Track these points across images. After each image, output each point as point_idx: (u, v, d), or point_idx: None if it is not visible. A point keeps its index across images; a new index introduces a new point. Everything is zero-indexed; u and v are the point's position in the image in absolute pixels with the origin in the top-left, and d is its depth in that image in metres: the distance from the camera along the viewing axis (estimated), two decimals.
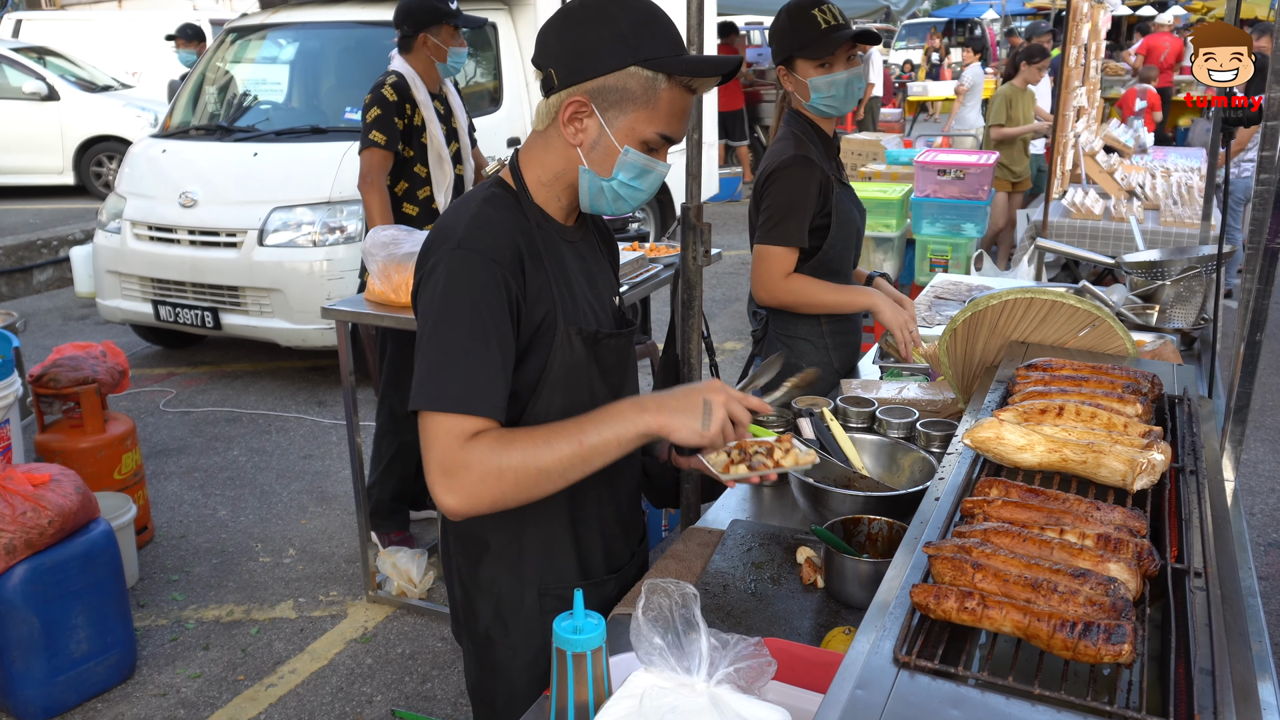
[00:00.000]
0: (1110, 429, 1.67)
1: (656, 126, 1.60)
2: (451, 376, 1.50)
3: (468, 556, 1.78)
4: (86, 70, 13.05)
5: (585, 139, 1.61)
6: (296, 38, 7.03)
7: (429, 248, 1.60)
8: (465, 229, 1.57)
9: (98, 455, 4.21)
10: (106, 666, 3.45)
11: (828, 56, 2.73)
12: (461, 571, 1.79)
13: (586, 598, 1.72)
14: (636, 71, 1.56)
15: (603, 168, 1.62)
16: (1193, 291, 3.47)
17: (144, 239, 6.31)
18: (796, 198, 2.78)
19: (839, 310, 2.91)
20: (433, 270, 1.56)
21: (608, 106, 1.58)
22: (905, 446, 2.18)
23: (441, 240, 1.58)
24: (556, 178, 1.66)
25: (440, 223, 1.64)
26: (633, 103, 1.58)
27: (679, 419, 1.56)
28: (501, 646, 1.79)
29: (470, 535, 1.76)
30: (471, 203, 1.62)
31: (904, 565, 1.42)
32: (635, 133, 1.59)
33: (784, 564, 1.93)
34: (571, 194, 1.69)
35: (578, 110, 1.58)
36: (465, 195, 1.68)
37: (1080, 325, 2.24)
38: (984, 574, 1.22)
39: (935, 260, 6.50)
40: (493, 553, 1.75)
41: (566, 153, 1.63)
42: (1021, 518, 1.39)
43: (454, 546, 1.80)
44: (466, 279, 1.53)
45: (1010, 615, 1.16)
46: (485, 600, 1.78)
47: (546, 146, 1.65)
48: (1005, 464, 1.63)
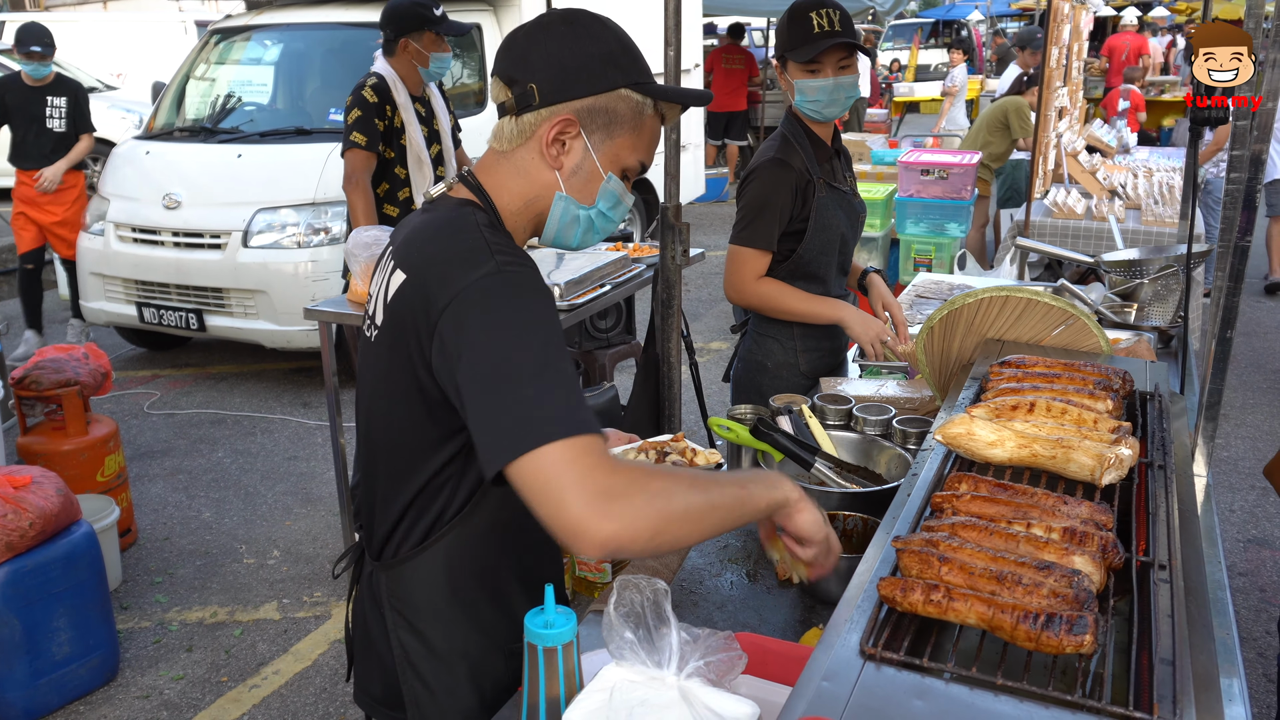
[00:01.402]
0: (1080, 425, 1.69)
1: (639, 154, 1.53)
2: (562, 400, 1.28)
3: (418, 629, 1.57)
4: (71, 71, 12.96)
5: (567, 163, 1.49)
6: (281, 39, 7.03)
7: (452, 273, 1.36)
8: (494, 254, 1.37)
9: (80, 457, 4.20)
10: (89, 669, 3.44)
11: (814, 61, 2.74)
12: (408, 645, 1.58)
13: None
14: (628, 95, 1.48)
15: (584, 195, 1.51)
16: (1170, 290, 3.50)
17: (128, 241, 6.29)
18: (768, 200, 2.79)
19: (806, 320, 2.91)
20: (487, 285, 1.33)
21: (595, 129, 1.48)
22: (881, 443, 2.20)
23: (473, 258, 1.36)
24: (527, 205, 1.51)
25: (447, 251, 1.40)
26: (621, 126, 1.49)
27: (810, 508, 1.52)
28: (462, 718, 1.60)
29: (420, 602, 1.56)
30: (471, 228, 1.42)
31: (874, 559, 1.43)
32: (619, 159, 1.51)
33: (760, 561, 1.94)
34: (536, 225, 1.54)
35: (564, 130, 1.46)
36: (445, 220, 1.46)
37: (1055, 323, 2.26)
38: (950, 567, 1.24)
39: (919, 260, 6.53)
40: (454, 622, 1.57)
41: (542, 177, 1.49)
42: (990, 512, 1.40)
43: (394, 621, 1.58)
44: (532, 287, 1.36)
45: (975, 607, 1.17)
46: (447, 674, 1.58)
47: (517, 169, 1.50)
48: (976, 460, 1.64)
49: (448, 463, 1.48)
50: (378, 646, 1.65)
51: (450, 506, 1.51)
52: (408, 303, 1.41)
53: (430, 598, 1.56)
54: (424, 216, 1.52)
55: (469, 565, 1.55)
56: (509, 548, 1.58)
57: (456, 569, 1.54)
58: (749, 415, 2.39)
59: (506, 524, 1.55)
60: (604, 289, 4.03)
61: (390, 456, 1.54)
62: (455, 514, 1.51)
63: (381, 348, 1.49)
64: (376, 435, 1.57)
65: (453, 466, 1.48)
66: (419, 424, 1.46)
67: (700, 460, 1.73)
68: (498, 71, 1.50)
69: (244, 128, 6.62)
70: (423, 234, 1.47)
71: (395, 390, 1.47)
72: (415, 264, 1.43)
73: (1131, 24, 14.10)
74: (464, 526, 1.51)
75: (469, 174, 1.54)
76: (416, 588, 1.56)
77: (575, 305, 3.86)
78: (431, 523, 1.52)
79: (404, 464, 1.52)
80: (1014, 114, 7.73)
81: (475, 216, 1.45)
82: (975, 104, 15.53)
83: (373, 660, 1.68)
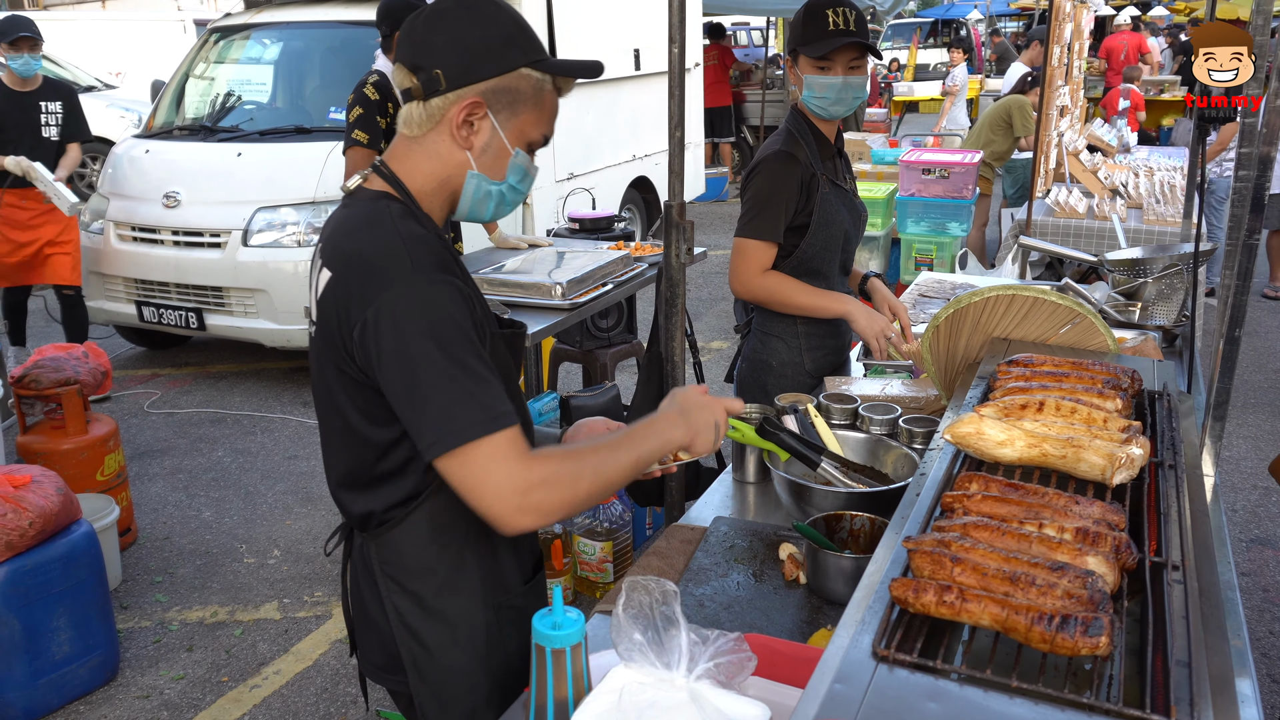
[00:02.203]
0: (1090, 424, 1.67)
1: (542, 128, 1.61)
2: (478, 398, 1.43)
3: (410, 590, 1.65)
4: (69, 71, 12.94)
5: (477, 142, 1.56)
6: (280, 37, 7.01)
7: (369, 282, 1.46)
8: (410, 252, 1.48)
9: (80, 456, 4.19)
10: (89, 668, 3.43)
11: (826, 58, 2.73)
12: (402, 607, 1.66)
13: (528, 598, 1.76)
14: (528, 73, 1.55)
15: (495, 171, 1.59)
16: (1174, 289, 3.49)
17: (127, 240, 6.27)
18: (774, 192, 2.78)
19: (812, 314, 2.90)
20: (396, 305, 1.44)
21: (501, 108, 1.55)
22: (888, 443, 2.19)
23: (386, 270, 1.46)
24: (441, 185, 1.59)
25: (364, 251, 1.50)
26: (524, 104, 1.57)
27: (700, 437, 1.67)
28: (463, 676, 1.69)
29: (410, 564, 1.64)
30: (386, 223, 1.52)
31: (884, 560, 1.42)
32: (525, 134, 1.59)
33: (766, 560, 1.93)
34: (451, 202, 1.63)
35: (472, 112, 1.53)
36: (363, 215, 1.55)
37: (1061, 322, 2.25)
38: (963, 568, 1.23)
39: (920, 259, 6.53)
40: (442, 576, 1.65)
41: (454, 158, 1.57)
42: (1001, 512, 1.39)
43: (387, 586, 1.66)
44: (443, 302, 1.45)
45: (988, 608, 1.16)
46: (441, 631, 1.67)
47: (428, 153, 1.57)
48: (986, 459, 1.63)
49: (398, 441, 1.55)
50: (374, 616, 1.72)
51: (421, 478, 1.59)
52: (334, 300, 1.51)
53: (419, 558, 1.63)
54: (344, 212, 1.60)
55: (453, 524, 1.62)
56: None
57: (441, 529, 1.62)
58: (754, 414, 2.38)
59: None
60: (606, 288, 4.02)
61: (350, 440, 1.61)
62: (429, 483, 1.58)
63: (320, 343, 1.58)
64: (333, 421, 1.63)
65: (406, 444, 1.55)
66: (366, 409, 1.55)
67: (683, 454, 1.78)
68: (401, 59, 1.55)
69: (244, 126, 6.61)
70: (342, 230, 1.56)
71: (337, 381, 1.56)
72: (337, 262, 1.52)
73: (1126, 24, 14.07)
74: (441, 493, 1.57)
75: (382, 164, 1.60)
76: (405, 551, 1.63)
77: (577, 304, 3.85)
78: (408, 492, 1.60)
79: (363, 446, 1.59)
80: (1017, 112, 7.71)
81: (390, 209, 1.53)
82: (975, 103, 15.51)
83: (371, 631, 1.74)
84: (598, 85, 8.03)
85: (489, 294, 3.91)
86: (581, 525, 3.92)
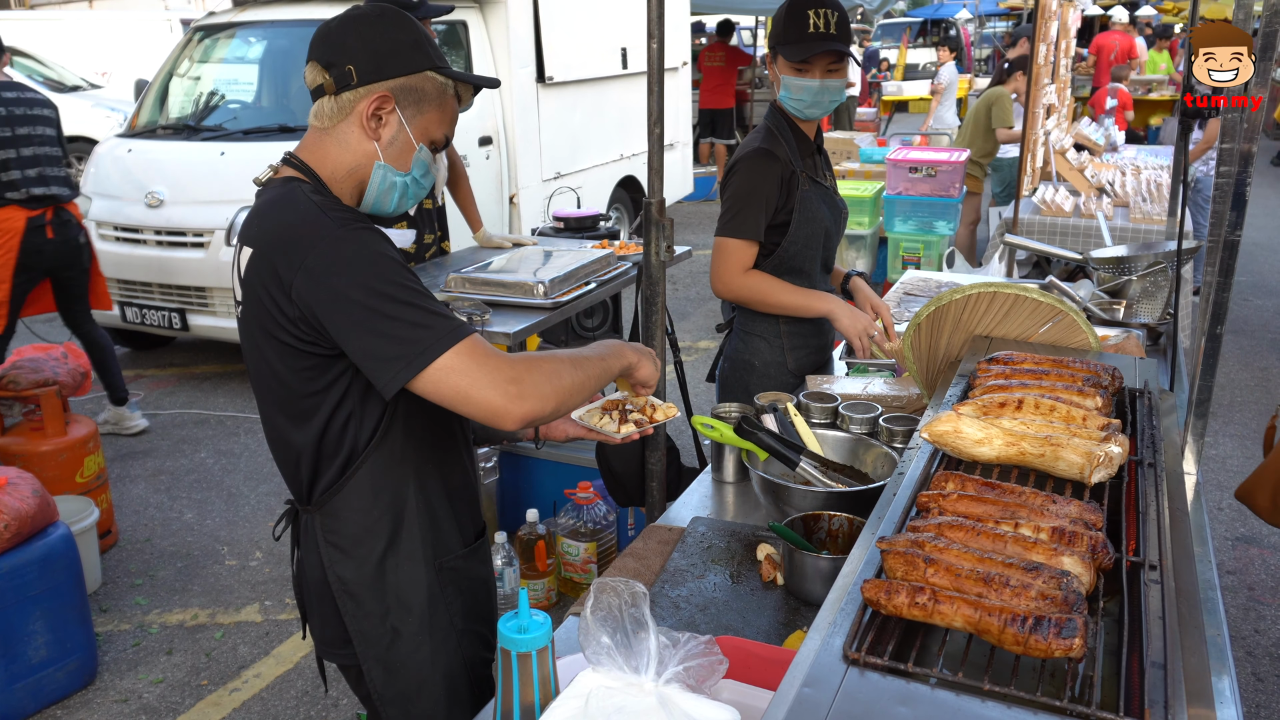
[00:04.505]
0: (1069, 422, 1.65)
1: (444, 128, 1.73)
2: (436, 314, 1.51)
3: (352, 555, 1.73)
4: (55, 70, 12.88)
5: (384, 134, 1.67)
6: (265, 36, 6.95)
7: (293, 248, 1.53)
8: (328, 214, 1.56)
9: (59, 458, 4.15)
10: (66, 673, 3.39)
11: (804, 62, 2.71)
12: (344, 575, 1.74)
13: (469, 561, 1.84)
14: (432, 76, 1.69)
15: (400, 163, 1.70)
16: (1159, 286, 3.48)
17: (109, 239, 6.22)
18: (754, 190, 2.76)
19: (795, 313, 2.88)
20: (326, 257, 1.51)
21: (407, 105, 1.67)
22: (868, 442, 2.17)
23: (308, 234, 1.53)
24: (349, 174, 1.68)
25: (283, 223, 1.57)
26: (429, 104, 1.69)
27: (645, 361, 1.83)
28: (407, 638, 1.76)
29: (352, 529, 1.72)
30: (300, 198, 1.60)
31: (858, 561, 1.40)
32: (428, 132, 1.71)
33: (744, 561, 1.91)
34: (359, 191, 1.71)
35: (380, 106, 1.64)
36: (277, 195, 1.63)
37: (1043, 320, 2.23)
38: (936, 568, 1.20)
39: (908, 258, 6.51)
40: (383, 539, 1.72)
41: (363, 147, 1.67)
42: (977, 511, 1.37)
43: (330, 556, 1.74)
44: (371, 245, 1.54)
45: (961, 610, 1.14)
46: (383, 594, 1.74)
47: (339, 143, 1.67)
48: (964, 458, 1.61)
49: (339, 404, 1.64)
50: (318, 591, 1.79)
51: (360, 438, 1.67)
52: (257, 273, 1.58)
53: (362, 522, 1.71)
54: (260, 200, 1.68)
55: (394, 485, 1.71)
56: (426, 463, 1.74)
57: (382, 490, 1.70)
58: (733, 413, 2.36)
59: (419, 443, 1.72)
60: (589, 287, 3.99)
61: (286, 414, 1.69)
62: (367, 443, 1.67)
63: (249, 321, 1.64)
64: (269, 398, 1.71)
65: (347, 405, 1.65)
66: (299, 378, 1.62)
67: (659, 415, 1.90)
68: (315, 57, 1.66)
69: (227, 125, 6.55)
70: (260, 212, 1.64)
71: (269, 354, 1.62)
72: (258, 238, 1.60)
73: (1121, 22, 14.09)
74: (379, 452, 1.68)
75: (291, 155, 1.71)
76: (349, 516, 1.71)
77: (560, 303, 3.82)
78: (347, 457, 1.68)
79: (300, 417, 1.67)
80: (995, 104, 7.68)
81: (301, 188, 1.63)
82: (964, 103, 15.52)
83: (318, 607, 1.82)
84: (584, 84, 8.01)
85: (472, 293, 3.88)
86: (565, 526, 3.89)
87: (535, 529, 3.82)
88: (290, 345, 1.59)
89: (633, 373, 1.83)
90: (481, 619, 1.87)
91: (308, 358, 1.60)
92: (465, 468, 1.86)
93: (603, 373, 1.72)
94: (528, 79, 7.22)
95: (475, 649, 1.85)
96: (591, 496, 3.89)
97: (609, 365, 1.74)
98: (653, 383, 1.87)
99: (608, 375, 1.74)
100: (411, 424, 1.69)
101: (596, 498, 3.90)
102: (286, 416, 1.70)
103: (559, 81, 7.52)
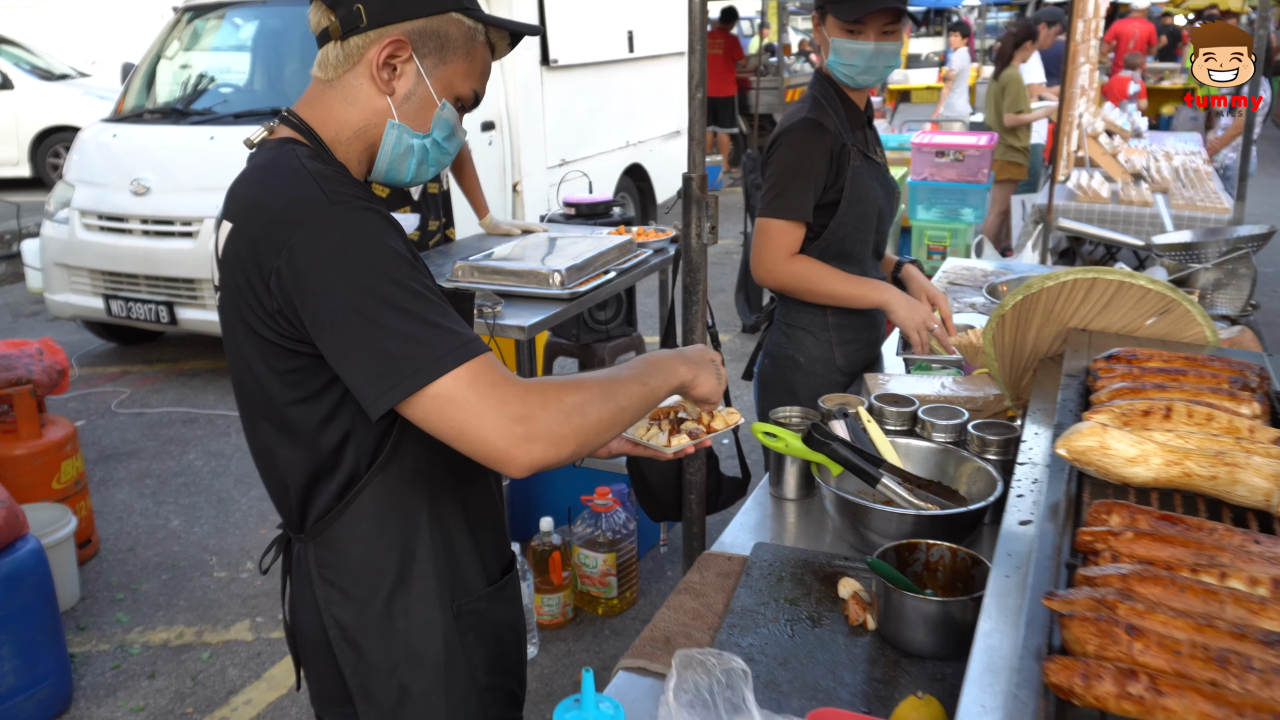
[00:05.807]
0: (1234, 434, 1.35)
1: (473, 82, 1.43)
2: (441, 324, 1.22)
3: (353, 596, 1.43)
4: (43, 58, 12.59)
5: (399, 87, 1.37)
6: (256, 16, 6.65)
7: (277, 225, 1.25)
8: (322, 186, 1.27)
9: (33, 463, 3.83)
10: (36, 701, 3.08)
11: (858, 21, 2.40)
12: (343, 619, 1.44)
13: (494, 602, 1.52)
14: (458, 19, 1.38)
15: (418, 122, 1.40)
16: (1237, 275, 3.18)
17: (94, 229, 5.92)
18: (801, 165, 2.45)
19: (846, 303, 2.56)
20: (315, 241, 1.23)
21: (428, 53, 1.37)
22: (957, 454, 1.86)
23: (296, 209, 1.25)
24: (357, 135, 1.39)
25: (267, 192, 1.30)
26: (454, 51, 1.39)
27: (703, 374, 1.50)
28: (418, 697, 1.46)
29: (353, 565, 1.42)
30: (293, 162, 1.31)
31: (1003, 618, 1.09)
32: (453, 86, 1.41)
33: (823, 600, 1.60)
34: (369, 156, 1.42)
35: (395, 53, 1.35)
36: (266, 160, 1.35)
37: (1150, 311, 1.93)
38: (1145, 642, 0.90)
39: (933, 246, 6.21)
40: (391, 577, 1.43)
41: (373, 103, 1.38)
42: (1163, 555, 1.06)
43: (326, 596, 1.44)
44: (371, 229, 1.25)
45: (1197, 705, 0.83)
46: (390, 644, 1.45)
47: (345, 98, 1.38)
48: (1110, 479, 1.31)
49: (332, 416, 1.35)
50: (314, 637, 1.49)
51: (362, 456, 1.38)
52: (236, 254, 1.30)
53: (364, 556, 1.42)
54: (248, 165, 1.40)
55: (402, 512, 1.41)
56: (443, 486, 1.45)
57: (388, 519, 1.41)
58: (795, 419, 2.05)
59: (434, 462, 1.41)
60: (608, 276, 3.68)
61: (271, 424, 1.39)
62: (371, 462, 1.38)
63: (227, 310, 1.36)
64: (249, 401, 1.41)
65: (343, 418, 1.35)
66: (283, 383, 1.34)
67: (718, 424, 1.58)
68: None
69: (217, 109, 6.24)
70: (245, 180, 1.37)
71: (248, 351, 1.34)
72: (239, 210, 1.32)
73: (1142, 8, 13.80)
74: (386, 473, 1.39)
75: (290, 112, 1.40)
76: (348, 549, 1.42)
77: (577, 294, 3.51)
78: (346, 479, 1.39)
79: (286, 428, 1.38)
80: (1009, 85, 7.26)
81: (296, 151, 1.34)
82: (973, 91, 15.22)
83: (314, 655, 1.52)
84: (590, 68, 7.69)
85: (480, 283, 3.56)
86: (582, 535, 3.59)
87: (549, 538, 3.52)
88: (271, 342, 1.30)
89: (689, 391, 1.50)
90: (508, 671, 1.55)
91: (293, 358, 1.31)
92: (489, 490, 1.54)
93: (644, 399, 1.39)
94: (532, 61, 6.90)
95: (501, 708, 1.53)
96: (610, 503, 3.59)
97: (653, 390, 1.41)
98: (716, 398, 1.54)
99: (651, 401, 1.41)
100: (424, 439, 1.30)
101: (615, 504, 3.60)
102: (272, 426, 1.40)
103: (564, 65, 7.21)
